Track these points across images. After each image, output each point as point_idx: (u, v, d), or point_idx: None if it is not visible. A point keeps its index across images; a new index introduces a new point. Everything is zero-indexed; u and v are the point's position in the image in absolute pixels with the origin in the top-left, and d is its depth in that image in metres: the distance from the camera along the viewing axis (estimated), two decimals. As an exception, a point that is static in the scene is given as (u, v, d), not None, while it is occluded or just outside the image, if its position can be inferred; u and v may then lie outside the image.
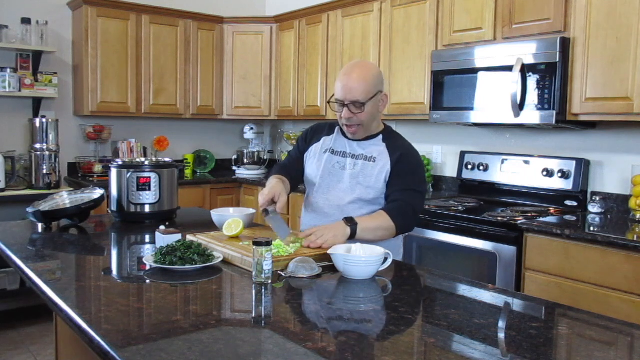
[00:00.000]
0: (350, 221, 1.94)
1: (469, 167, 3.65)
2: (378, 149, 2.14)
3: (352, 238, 1.92)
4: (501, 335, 1.31)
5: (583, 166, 3.12)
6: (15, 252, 1.97)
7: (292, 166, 2.31)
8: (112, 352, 1.14)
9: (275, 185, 2.05)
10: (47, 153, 4.12)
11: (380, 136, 2.18)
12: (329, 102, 2.17)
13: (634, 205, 2.84)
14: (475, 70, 3.21)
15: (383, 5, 3.90)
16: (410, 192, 2.07)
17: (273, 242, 1.75)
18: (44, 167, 4.11)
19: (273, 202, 2.01)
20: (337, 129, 2.26)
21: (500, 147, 3.61)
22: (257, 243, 1.59)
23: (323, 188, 2.19)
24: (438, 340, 1.26)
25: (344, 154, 2.19)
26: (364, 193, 2.10)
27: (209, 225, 2.32)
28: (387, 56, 3.88)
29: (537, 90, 2.93)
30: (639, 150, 2.98)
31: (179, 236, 1.92)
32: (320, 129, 2.32)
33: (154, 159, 2.72)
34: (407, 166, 2.10)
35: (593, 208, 3.04)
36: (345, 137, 2.21)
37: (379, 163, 2.12)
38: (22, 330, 3.81)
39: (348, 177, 2.14)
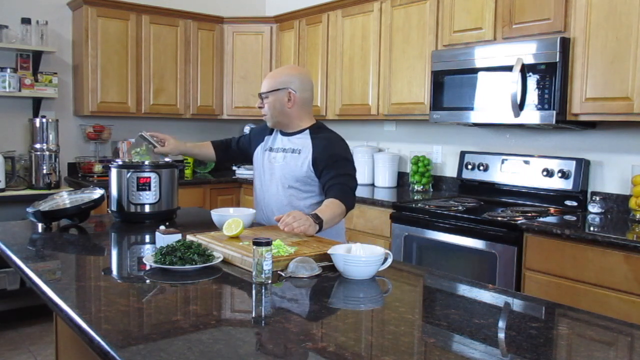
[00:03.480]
0: (317, 219, 2.10)
1: (469, 167, 3.65)
2: (304, 141, 2.40)
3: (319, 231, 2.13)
4: (501, 335, 1.31)
5: (583, 166, 3.12)
6: (15, 252, 1.97)
7: (234, 144, 2.77)
8: (112, 352, 1.14)
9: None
10: (47, 153, 4.12)
11: (308, 130, 2.44)
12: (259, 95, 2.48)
13: (634, 205, 2.84)
14: (475, 70, 3.21)
15: (383, 5, 3.90)
16: (344, 176, 2.29)
17: (273, 242, 1.75)
18: (44, 167, 4.11)
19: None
20: (275, 129, 2.55)
21: (500, 147, 3.61)
22: (257, 243, 1.59)
23: (264, 182, 2.49)
24: (438, 340, 1.26)
25: (277, 149, 2.48)
26: (292, 181, 2.37)
27: (209, 225, 2.32)
28: (387, 56, 3.88)
29: (537, 90, 2.93)
30: (639, 150, 2.98)
31: (179, 236, 1.92)
32: (266, 129, 2.61)
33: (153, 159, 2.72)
34: (332, 154, 2.33)
35: (593, 208, 3.04)
36: (282, 134, 2.49)
37: (303, 154, 2.37)
38: (22, 330, 3.81)
39: (279, 169, 2.42)
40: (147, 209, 2.56)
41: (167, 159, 2.74)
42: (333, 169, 2.29)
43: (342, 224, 2.47)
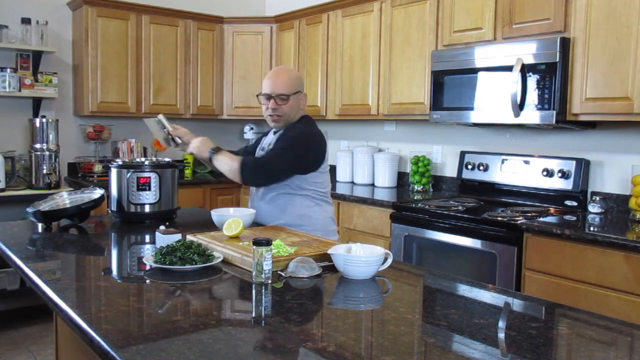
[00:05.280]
0: (213, 150, 2.39)
1: (469, 167, 3.65)
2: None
3: (210, 160, 2.39)
4: (501, 335, 1.31)
5: (583, 166, 3.12)
6: (15, 252, 1.97)
7: (246, 152, 2.75)
8: (112, 352, 1.14)
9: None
10: (47, 153, 4.12)
11: (294, 124, 2.46)
12: (257, 96, 2.49)
13: (634, 205, 2.84)
14: (475, 70, 3.21)
15: (383, 5, 3.90)
16: (276, 151, 2.35)
17: (273, 242, 1.75)
18: (44, 167, 4.11)
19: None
20: (271, 130, 2.58)
21: (500, 147, 3.61)
22: (257, 243, 1.59)
23: None
24: (438, 340, 1.26)
25: (268, 146, 2.49)
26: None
27: (209, 225, 2.32)
28: (387, 56, 3.88)
29: (537, 90, 2.93)
30: (639, 150, 2.98)
31: (179, 236, 1.92)
32: (263, 134, 2.68)
33: (154, 159, 2.72)
34: (283, 140, 2.38)
35: (593, 208, 3.04)
36: (274, 133, 2.51)
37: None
38: (22, 330, 3.81)
39: None
40: (147, 209, 2.56)
41: (167, 159, 2.74)
42: (273, 149, 2.36)
43: (328, 219, 2.49)
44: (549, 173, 3.23)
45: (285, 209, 2.40)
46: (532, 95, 2.95)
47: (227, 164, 2.36)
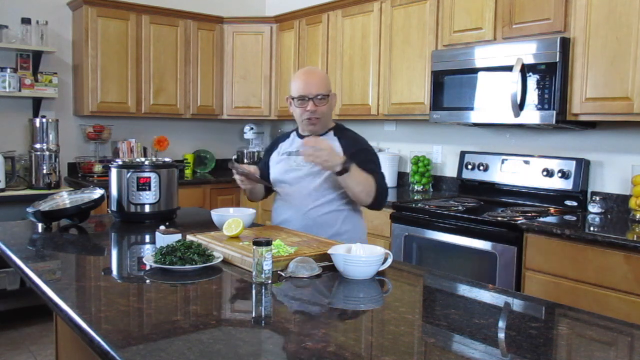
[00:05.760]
0: (346, 164, 2.06)
1: (469, 167, 3.65)
2: (330, 143, 2.29)
3: (340, 174, 2.07)
4: (501, 335, 1.31)
5: (583, 166, 3.12)
6: (15, 252, 1.97)
7: (263, 175, 2.45)
8: (112, 352, 1.14)
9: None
10: (47, 153, 4.12)
11: (332, 132, 2.36)
12: (290, 99, 2.33)
13: (634, 205, 2.84)
14: (475, 70, 3.21)
15: (383, 5, 3.90)
16: (379, 174, 2.22)
17: (273, 242, 1.75)
18: (44, 167, 4.11)
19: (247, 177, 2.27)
20: (292, 133, 2.47)
21: (500, 147, 3.61)
22: (257, 243, 1.59)
23: (289, 182, 2.35)
24: (438, 340, 1.26)
25: (298, 152, 2.32)
26: (321, 184, 2.26)
27: (209, 225, 2.32)
28: (387, 56, 3.88)
29: (537, 90, 2.93)
30: (639, 150, 2.98)
31: (179, 236, 1.92)
32: (279, 138, 2.54)
33: (154, 159, 2.72)
34: (368, 156, 2.27)
35: (593, 208, 3.04)
36: (301, 137, 2.37)
37: None
38: (22, 330, 3.81)
39: (306, 172, 2.29)
40: (147, 209, 2.56)
41: (167, 159, 2.74)
42: (368, 166, 2.18)
43: (363, 223, 2.40)
44: (549, 173, 3.23)
45: (337, 219, 2.27)
46: (532, 95, 2.95)
47: (362, 184, 2.11)
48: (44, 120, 4.13)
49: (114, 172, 2.58)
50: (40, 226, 2.43)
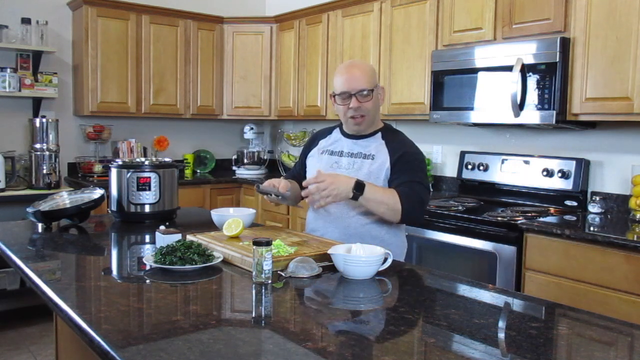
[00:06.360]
0: (358, 187, 1.92)
1: (469, 167, 3.65)
2: (377, 146, 2.17)
3: (356, 198, 1.94)
4: (501, 335, 1.31)
5: (583, 166, 3.12)
6: (15, 252, 1.97)
7: (298, 173, 2.39)
8: (112, 352, 1.14)
9: (276, 178, 2.23)
10: (47, 153, 4.12)
11: (380, 133, 2.20)
12: (333, 96, 2.17)
13: (634, 205, 2.84)
14: (475, 70, 3.21)
15: (383, 5, 3.90)
16: (417, 184, 2.05)
17: (273, 242, 1.75)
18: (44, 167, 4.11)
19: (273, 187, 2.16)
20: (335, 130, 2.32)
21: (500, 147, 3.61)
22: (257, 243, 1.59)
23: None
24: (438, 340, 1.26)
25: (341, 153, 2.22)
26: None
27: (209, 225, 2.32)
28: (387, 56, 3.88)
29: (537, 90, 2.93)
30: (639, 150, 2.98)
31: (179, 236, 1.92)
32: (318, 134, 2.39)
33: (154, 159, 2.72)
34: (411, 162, 2.11)
35: (593, 208, 3.04)
36: (345, 136, 2.24)
37: (378, 160, 2.13)
38: (22, 330, 3.81)
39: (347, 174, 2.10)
40: (147, 209, 2.56)
41: (167, 159, 2.74)
42: (407, 174, 2.05)
43: (402, 238, 2.23)
44: (549, 173, 3.23)
45: (381, 229, 2.13)
46: (532, 95, 2.95)
47: (384, 204, 1.98)
48: (44, 120, 4.13)
49: (114, 172, 2.58)
50: (40, 226, 2.43)
